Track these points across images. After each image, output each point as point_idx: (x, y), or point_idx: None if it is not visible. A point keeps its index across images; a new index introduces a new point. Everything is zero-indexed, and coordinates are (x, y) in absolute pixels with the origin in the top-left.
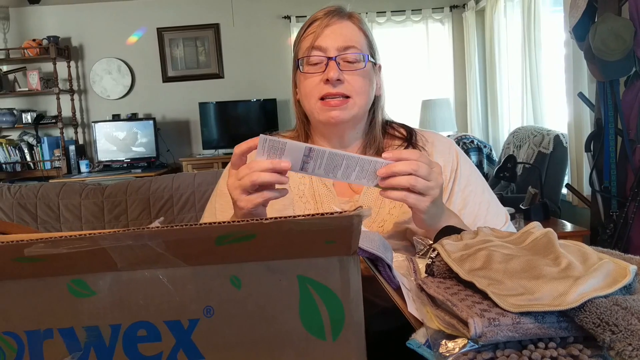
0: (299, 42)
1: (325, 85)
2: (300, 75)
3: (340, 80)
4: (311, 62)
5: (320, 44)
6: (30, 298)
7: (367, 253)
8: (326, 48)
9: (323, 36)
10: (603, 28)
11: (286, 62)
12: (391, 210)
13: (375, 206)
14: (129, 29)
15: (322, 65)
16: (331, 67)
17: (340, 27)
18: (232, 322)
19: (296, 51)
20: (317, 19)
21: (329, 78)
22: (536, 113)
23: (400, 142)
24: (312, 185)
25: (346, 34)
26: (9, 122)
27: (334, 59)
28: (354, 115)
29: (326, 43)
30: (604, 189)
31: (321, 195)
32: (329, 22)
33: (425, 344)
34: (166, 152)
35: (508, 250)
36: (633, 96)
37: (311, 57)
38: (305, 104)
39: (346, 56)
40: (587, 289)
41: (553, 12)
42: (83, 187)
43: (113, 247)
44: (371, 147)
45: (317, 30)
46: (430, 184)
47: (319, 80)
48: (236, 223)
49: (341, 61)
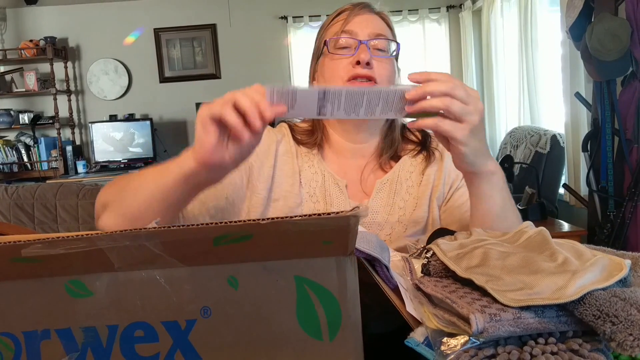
0: (326, 28)
1: (355, 67)
2: (327, 57)
3: (369, 65)
4: (340, 45)
5: (351, 28)
6: (27, 299)
7: (364, 254)
8: (357, 32)
9: (354, 22)
10: (600, 28)
11: (283, 62)
12: (400, 218)
13: (384, 212)
14: (126, 30)
15: (352, 49)
16: (362, 49)
17: (371, 17)
18: (229, 322)
19: (322, 36)
20: (347, 10)
21: (360, 60)
22: (533, 113)
23: (414, 145)
24: (324, 184)
25: (376, 24)
26: (6, 123)
27: (365, 43)
28: None
29: (358, 28)
30: (601, 189)
31: (332, 196)
32: (360, 11)
33: (423, 342)
34: (163, 152)
35: (504, 248)
36: (630, 96)
37: (341, 38)
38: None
39: (377, 43)
40: (586, 282)
41: (550, 12)
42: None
43: (110, 248)
44: (389, 150)
45: (348, 18)
46: (468, 107)
47: (347, 63)
48: (233, 224)
49: (371, 47)
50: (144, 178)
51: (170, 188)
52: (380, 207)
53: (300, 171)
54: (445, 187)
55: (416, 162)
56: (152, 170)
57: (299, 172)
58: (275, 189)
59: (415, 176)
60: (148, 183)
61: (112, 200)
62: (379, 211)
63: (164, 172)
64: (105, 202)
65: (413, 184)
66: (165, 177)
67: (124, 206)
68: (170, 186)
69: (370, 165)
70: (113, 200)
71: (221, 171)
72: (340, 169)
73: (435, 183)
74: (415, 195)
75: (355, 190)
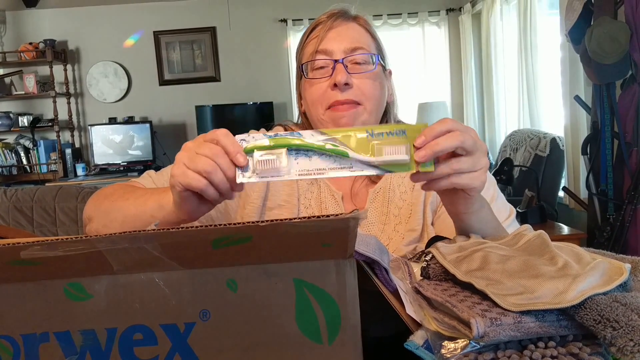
0: (302, 49)
1: (333, 92)
2: (306, 82)
3: (348, 85)
4: (316, 66)
5: (325, 47)
6: (26, 301)
7: (363, 256)
8: (331, 51)
9: (327, 39)
10: (599, 31)
11: (282, 65)
12: (396, 227)
13: (380, 222)
14: (125, 32)
15: (329, 69)
16: (338, 70)
17: (346, 28)
18: (228, 325)
19: (299, 58)
20: (320, 23)
21: (336, 82)
22: (533, 116)
23: None
24: (319, 195)
25: (352, 36)
26: (5, 126)
27: (340, 62)
28: (364, 121)
29: (331, 46)
30: (600, 192)
31: (328, 208)
32: (333, 24)
33: (423, 345)
34: (163, 155)
35: (503, 251)
36: (629, 99)
37: (316, 61)
38: (312, 114)
39: (354, 57)
40: (587, 287)
41: (549, 15)
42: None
43: (109, 250)
44: None
45: (321, 34)
46: (478, 154)
47: (326, 87)
48: (233, 226)
49: (349, 64)
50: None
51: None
52: (375, 217)
53: (297, 181)
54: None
55: None
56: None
57: (296, 181)
58: (271, 197)
59: (407, 181)
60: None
61: (96, 217)
62: (374, 222)
63: (145, 210)
64: (90, 216)
65: (406, 189)
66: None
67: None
68: (150, 219)
69: (360, 178)
70: (97, 217)
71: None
72: (335, 181)
73: None
74: (409, 202)
75: (350, 204)
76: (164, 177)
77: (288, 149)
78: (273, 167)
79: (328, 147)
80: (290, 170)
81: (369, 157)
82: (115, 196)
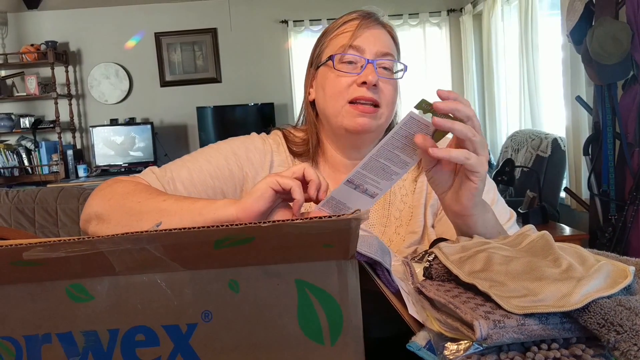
0: (329, 38)
1: (360, 88)
2: (330, 73)
3: (376, 86)
4: (345, 59)
5: (359, 44)
6: (28, 302)
7: (365, 257)
8: (364, 50)
9: (362, 37)
10: (600, 32)
11: (283, 66)
12: (397, 229)
13: (381, 224)
14: (127, 34)
15: (358, 66)
16: (370, 70)
17: (379, 33)
18: (230, 326)
19: (322, 48)
20: (353, 19)
21: (367, 81)
22: (534, 116)
23: None
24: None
25: (385, 41)
26: (7, 127)
27: (373, 63)
28: (380, 125)
29: (365, 45)
30: (602, 193)
31: None
32: (369, 24)
33: (425, 346)
34: (164, 156)
35: (506, 252)
36: (631, 99)
37: (347, 54)
38: (329, 104)
39: (384, 63)
40: (591, 290)
41: (550, 15)
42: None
43: (111, 251)
44: None
45: (356, 31)
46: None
47: (352, 82)
48: (234, 226)
49: (378, 67)
50: (171, 208)
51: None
52: (376, 219)
53: None
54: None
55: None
56: (181, 204)
57: None
58: None
59: (408, 184)
60: (177, 215)
61: (113, 218)
62: (375, 224)
63: (202, 216)
64: (100, 214)
65: (407, 192)
66: (201, 221)
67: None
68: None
69: None
70: (114, 218)
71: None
72: (335, 182)
73: (429, 190)
74: (410, 204)
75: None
76: (167, 173)
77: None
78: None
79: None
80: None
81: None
82: (139, 197)
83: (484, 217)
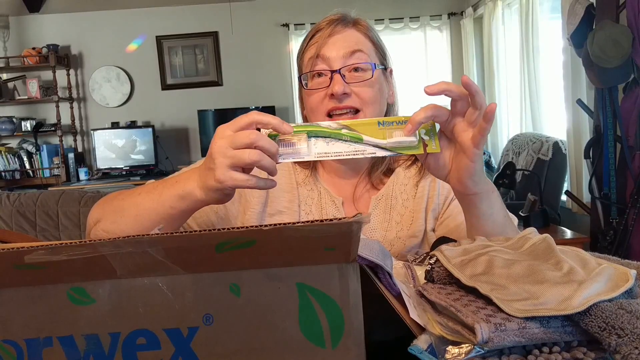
0: (302, 55)
1: (332, 100)
2: (305, 90)
3: (347, 94)
4: (315, 73)
5: (325, 53)
6: (29, 306)
7: (366, 260)
8: (329, 58)
9: (327, 46)
10: (601, 35)
11: (284, 69)
12: (398, 233)
13: (382, 228)
14: (128, 37)
15: (327, 79)
16: (336, 80)
17: (345, 35)
18: (231, 330)
19: (299, 65)
20: (320, 29)
21: (333, 93)
22: (535, 120)
23: (407, 156)
24: (320, 201)
25: (351, 42)
26: (9, 130)
27: (338, 72)
28: None
29: (330, 52)
30: (603, 196)
31: (329, 213)
32: (333, 31)
33: (427, 349)
34: (165, 159)
35: (508, 255)
36: (632, 103)
37: (314, 70)
38: (312, 120)
39: (352, 66)
40: (592, 293)
41: (551, 19)
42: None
43: (113, 254)
44: (381, 166)
45: (320, 41)
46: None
47: (324, 95)
48: (236, 230)
49: (347, 72)
50: (140, 203)
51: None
52: (377, 223)
53: (298, 187)
54: (440, 198)
55: (410, 174)
56: (149, 190)
57: (297, 187)
58: (271, 204)
59: (409, 188)
60: (144, 202)
61: (105, 217)
62: (377, 228)
63: (162, 202)
64: (97, 218)
65: (408, 197)
66: (165, 201)
67: (116, 223)
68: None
69: (362, 183)
70: (105, 217)
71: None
72: (334, 187)
73: (430, 194)
74: (411, 209)
75: (351, 209)
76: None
77: (308, 134)
78: (294, 149)
79: (344, 132)
80: (310, 153)
81: (381, 139)
82: (123, 195)
83: (489, 196)
